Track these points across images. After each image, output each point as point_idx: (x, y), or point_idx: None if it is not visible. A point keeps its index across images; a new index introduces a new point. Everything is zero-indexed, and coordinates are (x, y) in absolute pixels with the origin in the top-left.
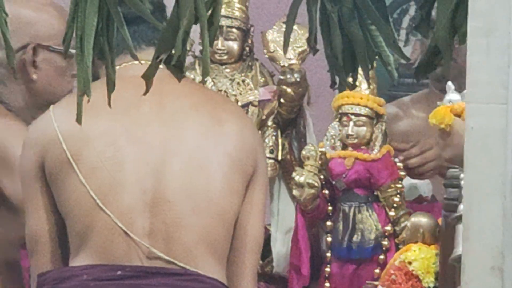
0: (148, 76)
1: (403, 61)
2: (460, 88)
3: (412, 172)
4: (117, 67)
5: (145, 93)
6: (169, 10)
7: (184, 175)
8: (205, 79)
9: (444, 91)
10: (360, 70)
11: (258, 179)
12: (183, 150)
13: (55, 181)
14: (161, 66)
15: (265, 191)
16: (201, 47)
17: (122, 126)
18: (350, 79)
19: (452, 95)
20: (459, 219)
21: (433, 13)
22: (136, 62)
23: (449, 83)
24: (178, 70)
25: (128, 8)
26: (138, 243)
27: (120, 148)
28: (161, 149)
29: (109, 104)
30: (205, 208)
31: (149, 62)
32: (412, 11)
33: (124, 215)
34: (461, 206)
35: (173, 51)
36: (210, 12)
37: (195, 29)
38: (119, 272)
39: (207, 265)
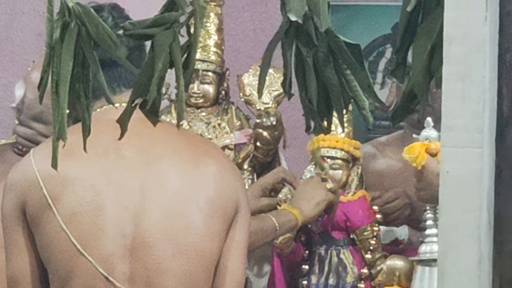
0: (123, 121)
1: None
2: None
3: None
4: (97, 110)
5: (120, 138)
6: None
7: (164, 219)
8: (181, 123)
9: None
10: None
11: (240, 220)
12: (163, 194)
13: (36, 225)
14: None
15: (247, 231)
16: (177, 91)
17: (101, 170)
18: (325, 123)
19: (430, 132)
20: (419, 261)
21: (410, 57)
22: (117, 105)
23: (429, 119)
24: (153, 114)
25: (105, 52)
26: None
27: (99, 192)
28: (141, 194)
29: (84, 149)
30: (185, 252)
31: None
32: (388, 53)
33: (104, 260)
34: (421, 248)
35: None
36: (185, 56)
37: (171, 72)
38: None
39: None
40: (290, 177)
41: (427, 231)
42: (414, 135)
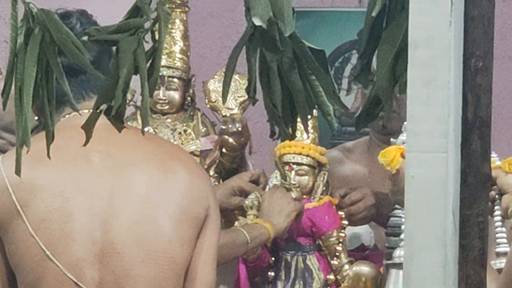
0: (88, 127)
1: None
2: None
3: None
4: (66, 116)
5: (85, 144)
6: None
7: (133, 226)
8: (145, 129)
9: (384, 142)
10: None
11: (210, 225)
12: (132, 200)
13: (5, 231)
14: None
15: (217, 236)
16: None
17: (70, 177)
18: (290, 129)
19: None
20: (393, 265)
21: (375, 63)
22: (86, 111)
23: (406, 123)
24: (118, 120)
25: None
26: None
27: (68, 199)
28: (110, 200)
29: (48, 156)
30: (155, 259)
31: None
32: (354, 59)
33: (73, 266)
34: (396, 252)
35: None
36: (149, 62)
37: (137, 79)
38: None
39: None
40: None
41: (403, 235)
42: (391, 139)
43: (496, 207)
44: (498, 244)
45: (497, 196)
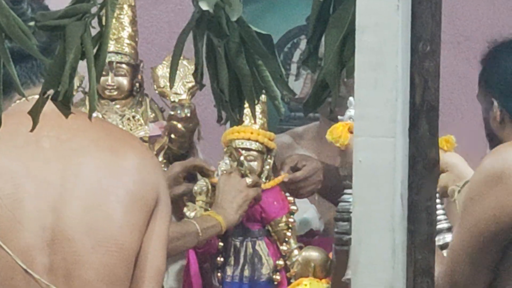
0: (34, 112)
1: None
2: None
3: (293, 192)
4: (17, 102)
5: (31, 130)
6: None
7: (83, 212)
8: (94, 115)
9: (335, 122)
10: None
11: (160, 211)
12: (82, 186)
13: None
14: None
15: (167, 223)
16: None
17: (21, 162)
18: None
19: (353, 111)
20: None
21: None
22: (36, 96)
23: (351, 99)
24: (65, 106)
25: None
26: (38, 281)
27: (19, 185)
28: (60, 186)
29: None
30: (105, 245)
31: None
32: (303, 44)
33: (23, 252)
34: None
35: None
36: (96, 47)
37: (86, 64)
38: None
39: None
40: (203, 164)
41: None
42: (339, 117)
43: None
44: (438, 221)
45: None
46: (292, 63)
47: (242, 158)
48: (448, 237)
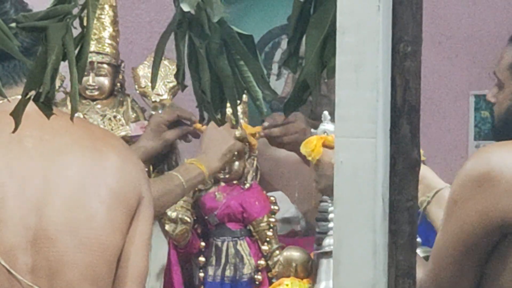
0: (16, 113)
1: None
2: None
3: (274, 141)
4: (0, 101)
5: (14, 131)
6: None
7: (66, 211)
8: (75, 116)
9: (315, 126)
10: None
11: (143, 212)
12: (65, 186)
13: None
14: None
15: (150, 222)
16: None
17: (3, 162)
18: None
19: (327, 125)
20: (323, 254)
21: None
22: (19, 96)
23: (325, 112)
24: (46, 107)
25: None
26: (21, 281)
27: (1, 184)
28: (43, 186)
29: None
30: (88, 244)
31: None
32: (284, 44)
33: (6, 252)
34: (326, 241)
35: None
36: (78, 48)
37: (67, 65)
38: None
39: None
40: (186, 113)
41: (331, 224)
42: (312, 130)
43: None
44: None
45: None
46: (273, 62)
47: (238, 112)
48: (418, 250)
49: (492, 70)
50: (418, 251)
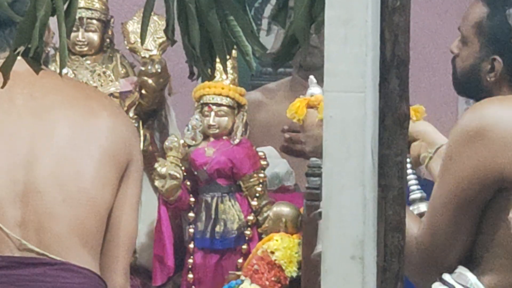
0: (5, 69)
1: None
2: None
3: (292, 146)
4: None
5: (2, 86)
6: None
7: (55, 166)
8: (65, 72)
9: (306, 79)
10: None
11: (132, 172)
12: (54, 142)
13: None
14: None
15: (139, 184)
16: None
17: None
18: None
19: (314, 89)
20: (321, 215)
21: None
22: None
23: (311, 77)
24: (35, 62)
25: None
26: (9, 235)
27: None
28: (32, 141)
29: None
30: (77, 198)
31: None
32: (273, 0)
33: None
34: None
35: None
36: (67, 4)
37: (56, 21)
38: None
39: (79, 255)
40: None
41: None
42: (301, 96)
43: None
44: (412, 191)
45: None
46: (263, 18)
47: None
48: (422, 207)
49: None
50: (423, 205)
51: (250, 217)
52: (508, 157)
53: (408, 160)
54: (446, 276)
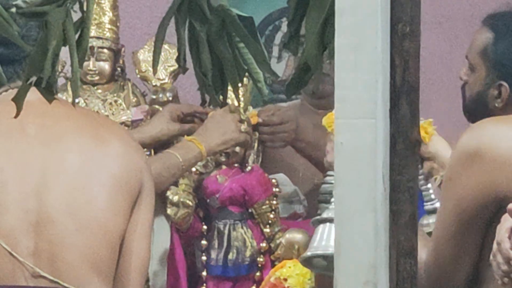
0: (18, 99)
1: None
2: None
3: (265, 138)
4: (5, 92)
5: (15, 116)
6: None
7: (67, 195)
8: (76, 101)
9: (316, 106)
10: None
11: (144, 199)
12: (65, 171)
13: None
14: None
15: (151, 210)
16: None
17: (4, 148)
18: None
19: None
20: (320, 220)
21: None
22: None
23: None
24: (48, 92)
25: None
26: (23, 263)
27: (2, 169)
28: (43, 170)
29: None
30: (89, 227)
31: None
32: (284, 27)
33: (8, 235)
34: (325, 211)
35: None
36: (78, 33)
37: (67, 50)
38: None
39: (92, 284)
40: (201, 110)
41: (332, 206)
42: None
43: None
44: (427, 202)
45: None
46: (274, 45)
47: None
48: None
49: None
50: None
51: (263, 244)
52: (506, 176)
53: (420, 171)
54: None
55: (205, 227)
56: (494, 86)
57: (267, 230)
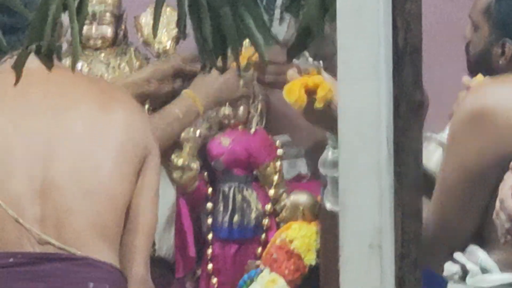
0: (18, 66)
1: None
2: None
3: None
4: (9, 59)
5: (15, 83)
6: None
7: (73, 161)
8: (80, 65)
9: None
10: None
11: (149, 164)
12: (71, 137)
13: None
14: None
15: (157, 175)
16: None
17: (10, 116)
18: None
19: (307, 64)
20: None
21: None
22: None
23: (305, 52)
24: (47, 59)
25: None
26: (29, 230)
27: (8, 136)
28: (49, 138)
29: None
30: (95, 193)
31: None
32: None
33: (14, 202)
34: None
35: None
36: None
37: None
38: (11, 259)
39: (98, 249)
40: (189, 67)
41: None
42: (294, 61)
43: None
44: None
45: None
46: (275, 7)
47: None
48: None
49: None
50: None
51: (268, 206)
52: (510, 136)
53: None
54: (458, 255)
55: (210, 189)
56: (498, 44)
57: (271, 192)
